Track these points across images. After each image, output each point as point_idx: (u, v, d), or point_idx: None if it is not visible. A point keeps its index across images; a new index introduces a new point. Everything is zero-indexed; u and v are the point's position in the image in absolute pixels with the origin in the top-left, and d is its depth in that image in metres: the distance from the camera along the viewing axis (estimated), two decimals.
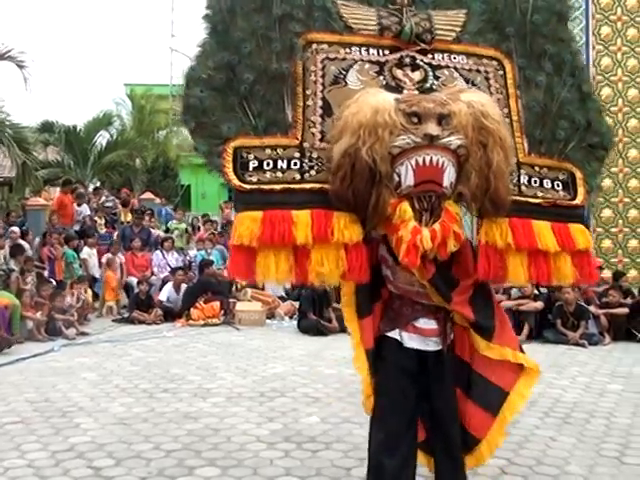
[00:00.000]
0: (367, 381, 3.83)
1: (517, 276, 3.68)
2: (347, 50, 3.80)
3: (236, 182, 3.44)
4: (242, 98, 3.66)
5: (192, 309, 11.87)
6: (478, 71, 3.97)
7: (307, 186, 3.46)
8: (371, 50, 3.84)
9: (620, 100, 13.21)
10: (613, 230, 13.25)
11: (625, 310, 10.70)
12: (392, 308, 3.76)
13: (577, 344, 9.97)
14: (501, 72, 4.01)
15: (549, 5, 4.16)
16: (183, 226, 16.33)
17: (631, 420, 6.06)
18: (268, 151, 3.53)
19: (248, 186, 3.44)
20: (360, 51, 3.82)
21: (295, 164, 3.51)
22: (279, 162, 3.50)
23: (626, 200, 13.25)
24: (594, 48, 13.12)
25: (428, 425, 3.87)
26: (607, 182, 13.10)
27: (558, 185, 3.92)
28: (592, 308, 10.72)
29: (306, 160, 3.53)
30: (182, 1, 60.97)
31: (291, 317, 12.13)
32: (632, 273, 12.94)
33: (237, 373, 7.84)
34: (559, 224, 3.77)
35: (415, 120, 3.34)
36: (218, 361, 8.57)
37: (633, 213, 13.27)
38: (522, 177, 3.82)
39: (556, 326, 10.33)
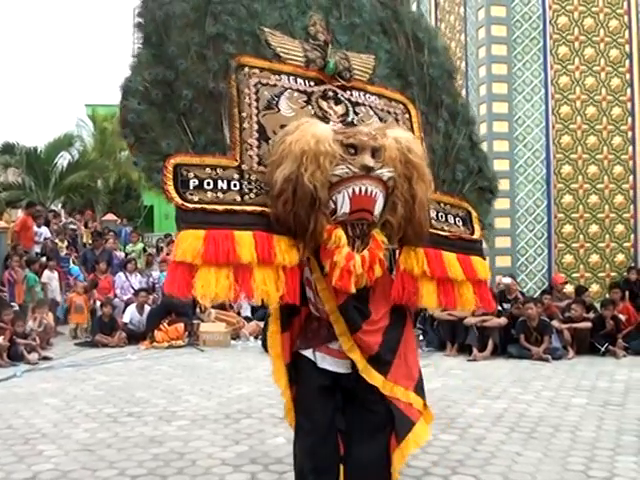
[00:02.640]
0: (287, 395, 4.01)
1: (429, 302, 3.90)
2: (277, 77, 3.91)
3: (179, 200, 3.43)
4: (181, 115, 3.69)
5: (156, 331, 11.78)
6: (389, 112, 4.19)
7: (248, 208, 3.50)
8: (299, 80, 3.97)
9: (579, 118, 13.48)
10: (574, 245, 13.47)
11: (588, 324, 10.86)
12: (310, 328, 3.87)
13: (541, 359, 10.08)
14: (407, 115, 4.26)
15: (440, 63, 4.51)
16: (140, 247, 16.22)
17: (596, 433, 6.13)
18: (208, 170, 3.54)
19: (191, 205, 3.43)
20: (289, 79, 3.93)
21: (235, 185, 3.55)
22: (219, 182, 3.53)
23: (586, 216, 13.50)
24: (552, 67, 13.38)
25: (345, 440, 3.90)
26: (567, 198, 13.38)
27: (459, 221, 4.23)
28: (555, 323, 10.86)
29: (245, 182, 3.57)
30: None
31: (256, 337, 12.09)
32: (594, 288, 13.16)
33: (202, 395, 7.78)
34: (463, 256, 4.06)
35: (352, 151, 3.50)
36: (183, 383, 8.50)
37: (594, 228, 13.50)
38: (431, 212, 4.04)
39: (520, 341, 10.43)
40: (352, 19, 4.31)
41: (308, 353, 3.83)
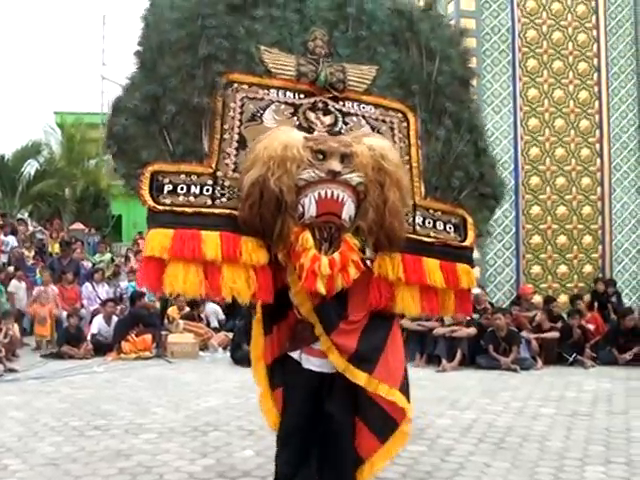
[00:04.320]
0: (266, 395, 4.26)
1: (408, 308, 4.04)
2: (265, 91, 4.14)
3: (150, 202, 3.73)
4: (163, 127, 3.97)
5: (123, 342, 11.63)
6: (384, 121, 4.34)
7: (217, 211, 3.76)
8: (288, 93, 4.18)
9: (547, 130, 13.59)
10: (542, 256, 13.54)
11: (556, 334, 10.99)
12: (296, 330, 4.04)
13: (509, 369, 10.16)
14: (405, 124, 4.41)
15: (452, 70, 4.61)
16: (108, 257, 16.09)
17: (564, 443, 6.17)
18: (183, 177, 3.83)
19: (161, 207, 3.73)
20: (277, 93, 4.15)
21: (207, 190, 3.82)
22: (192, 187, 3.81)
23: (555, 227, 13.58)
24: (521, 80, 13.49)
25: (321, 441, 4.03)
26: (536, 209, 13.49)
27: (450, 228, 4.32)
28: (524, 333, 10.96)
29: (218, 187, 3.84)
30: (113, 30, 60.60)
31: (225, 348, 12.00)
32: (562, 298, 13.23)
33: (170, 408, 7.71)
34: (447, 263, 4.15)
35: (320, 157, 3.71)
36: (150, 396, 8.41)
37: (562, 239, 13.61)
38: (417, 218, 4.20)
39: (488, 352, 10.51)
40: (358, 32, 4.44)
41: (295, 355, 4.02)
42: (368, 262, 3.88)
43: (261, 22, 4.27)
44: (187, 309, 12.74)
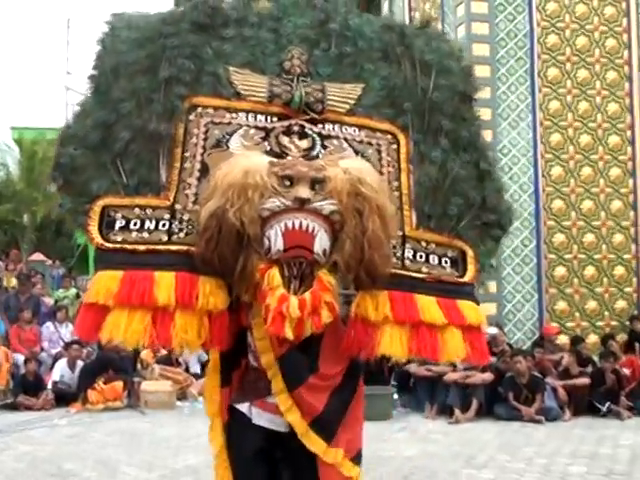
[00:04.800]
0: (221, 457, 4.07)
1: (394, 350, 3.86)
2: (233, 115, 4.16)
3: (98, 240, 3.70)
4: (115, 156, 3.96)
5: (90, 391, 11.55)
6: (370, 144, 4.32)
7: (173, 248, 3.73)
8: (258, 116, 4.20)
9: (571, 147, 13.64)
10: (568, 290, 13.52)
11: (586, 380, 10.87)
12: (247, 380, 3.96)
13: (533, 420, 10.07)
14: (395, 146, 4.37)
15: (451, 84, 4.58)
16: (72, 292, 16.03)
17: None
18: (137, 211, 3.82)
19: (110, 245, 3.70)
20: (247, 117, 4.18)
21: (164, 225, 3.80)
22: (147, 222, 3.79)
23: (581, 257, 13.58)
24: (541, 91, 13.56)
25: None
26: (559, 237, 13.47)
27: (446, 262, 4.23)
28: (548, 379, 10.87)
29: (176, 222, 3.82)
30: (79, 35, 60.89)
31: None
32: (591, 338, 13.21)
33: (142, 467, 7.64)
34: (445, 299, 4.04)
35: (287, 183, 3.65)
36: (120, 453, 8.32)
37: (590, 271, 13.60)
38: (407, 251, 4.12)
39: (508, 400, 10.39)
40: (342, 48, 4.48)
41: (244, 408, 3.91)
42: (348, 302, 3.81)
43: (231, 42, 4.32)
44: (163, 352, 12.65)
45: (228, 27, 4.33)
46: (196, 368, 13.02)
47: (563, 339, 12.83)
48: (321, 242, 3.62)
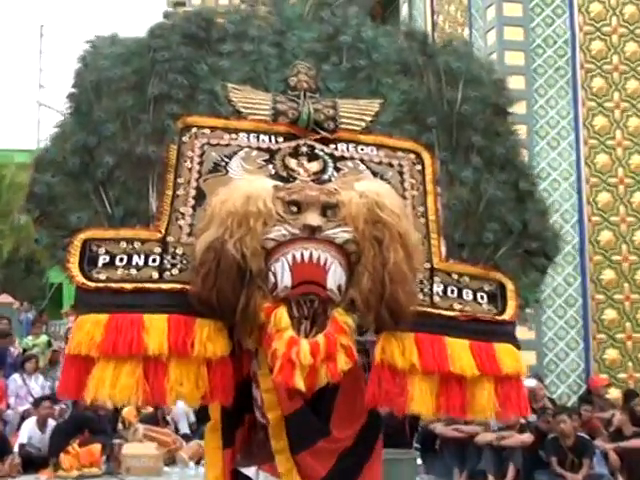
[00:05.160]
0: None
1: (424, 406, 3.81)
2: (233, 136, 4.23)
3: (79, 279, 3.70)
4: (98, 184, 4.01)
5: (63, 455, 11.53)
6: (390, 164, 4.37)
7: (165, 286, 3.72)
8: (262, 137, 4.27)
9: (620, 169, 13.62)
10: (619, 336, 13.43)
11: None
12: (255, 440, 3.98)
13: None
14: (419, 167, 4.41)
15: (483, 96, 4.67)
16: (44, 339, 16.08)
17: None
18: (123, 244, 3.84)
19: (93, 284, 3.69)
20: (249, 137, 4.25)
21: (154, 260, 3.80)
22: (135, 257, 3.80)
23: (634, 297, 13.54)
24: (584, 105, 13.60)
25: None
26: (609, 274, 13.46)
27: (482, 297, 4.20)
28: (598, 441, 10.77)
29: (168, 257, 3.83)
30: (54, 43, 61.51)
31: (198, 462, 11.80)
32: None
33: None
34: (480, 343, 3.99)
35: (295, 210, 3.69)
36: None
37: None
38: (435, 285, 4.11)
39: (551, 466, 10.29)
40: (355, 62, 4.59)
41: (250, 472, 3.92)
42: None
43: (229, 58, 4.45)
44: (149, 409, 12.58)
45: (225, 42, 4.46)
46: (185, 428, 13.02)
47: (614, 393, 12.78)
48: (335, 276, 3.60)
